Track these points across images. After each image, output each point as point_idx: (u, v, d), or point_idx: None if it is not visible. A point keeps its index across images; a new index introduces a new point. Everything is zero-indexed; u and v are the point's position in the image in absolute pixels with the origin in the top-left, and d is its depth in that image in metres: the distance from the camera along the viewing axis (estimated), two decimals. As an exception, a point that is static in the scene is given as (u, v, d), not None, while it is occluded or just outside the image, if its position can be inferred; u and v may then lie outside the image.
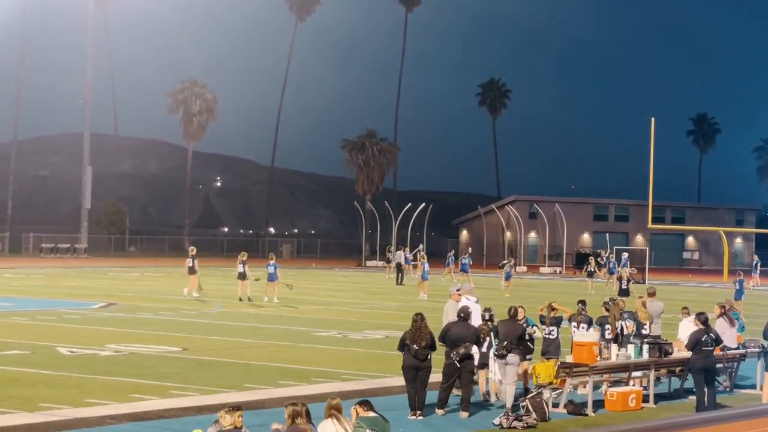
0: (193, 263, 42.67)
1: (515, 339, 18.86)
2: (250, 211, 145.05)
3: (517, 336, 18.94)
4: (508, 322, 19.21)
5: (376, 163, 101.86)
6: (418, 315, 18.31)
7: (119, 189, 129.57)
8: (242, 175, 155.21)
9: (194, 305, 39.07)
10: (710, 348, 19.55)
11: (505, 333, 18.90)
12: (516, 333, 19.00)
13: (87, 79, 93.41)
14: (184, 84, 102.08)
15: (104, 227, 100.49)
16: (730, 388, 22.01)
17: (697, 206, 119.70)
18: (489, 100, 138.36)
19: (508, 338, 18.78)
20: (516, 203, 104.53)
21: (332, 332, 30.71)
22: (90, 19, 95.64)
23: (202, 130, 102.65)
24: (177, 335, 28.82)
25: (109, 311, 36.13)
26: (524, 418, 17.59)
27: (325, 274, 69.60)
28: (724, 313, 21.99)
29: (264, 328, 31.67)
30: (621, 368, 20.06)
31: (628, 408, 19.09)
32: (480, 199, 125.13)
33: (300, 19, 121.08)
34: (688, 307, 23.57)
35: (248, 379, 21.23)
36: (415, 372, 17.92)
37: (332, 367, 23.44)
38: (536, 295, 48.92)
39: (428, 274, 48.22)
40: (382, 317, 36.51)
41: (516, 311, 19.54)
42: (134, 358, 24.14)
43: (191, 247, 46.41)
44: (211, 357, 24.67)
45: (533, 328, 20.23)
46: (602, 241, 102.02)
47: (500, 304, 22.40)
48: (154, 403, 18.37)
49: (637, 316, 22.23)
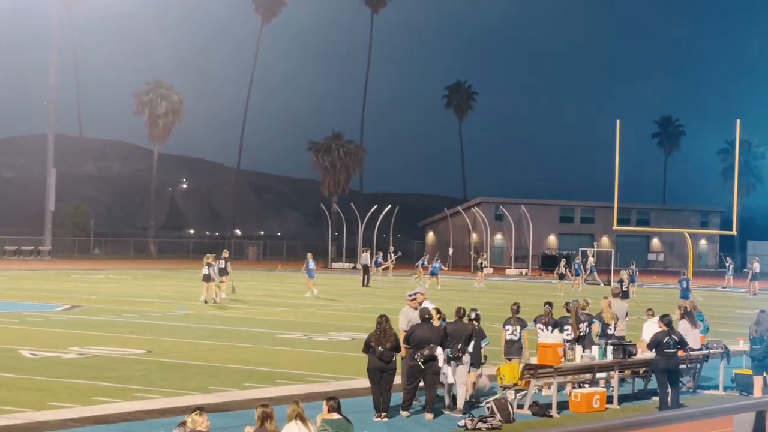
0: (225, 264, 43.66)
1: (465, 339, 18.92)
2: (216, 213, 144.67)
3: (466, 336, 19.00)
4: (456, 323, 19.23)
5: (342, 165, 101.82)
6: (382, 317, 18.33)
7: (84, 191, 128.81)
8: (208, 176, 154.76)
9: (159, 308, 38.91)
10: (672, 350, 19.68)
11: (452, 333, 18.89)
12: (465, 333, 19.06)
13: (51, 81, 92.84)
14: (149, 85, 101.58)
15: (68, 229, 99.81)
16: (693, 388, 22.15)
17: (662, 208, 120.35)
18: (455, 102, 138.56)
19: (456, 339, 18.80)
20: (482, 205, 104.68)
21: (298, 334, 30.66)
22: (54, 19, 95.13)
23: (167, 132, 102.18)
24: (141, 338, 28.69)
25: (72, 314, 35.91)
26: (489, 420, 17.64)
27: (291, 276, 69.39)
28: (686, 315, 22.12)
29: (229, 330, 31.58)
30: (585, 369, 20.14)
31: (592, 409, 19.18)
32: (446, 201, 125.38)
33: (266, 21, 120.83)
34: (653, 308, 23.70)
35: (213, 382, 21.17)
36: (380, 374, 17.93)
37: (297, 369, 23.40)
38: (503, 297, 49.07)
39: (314, 272, 48.76)
40: (347, 319, 36.50)
41: (464, 312, 19.57)
42: (98, 360, 24.01)
43: (225, 250, 46.80)
44: (176, 359, 24.58)
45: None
46: (568, 242, 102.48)
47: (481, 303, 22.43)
48: (118, 405, 18.29)
49: (603, 316, 22.33)
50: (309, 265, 48.33)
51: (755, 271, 60.54)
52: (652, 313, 22.72)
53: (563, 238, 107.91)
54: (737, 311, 44.70)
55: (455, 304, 21.63)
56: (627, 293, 41.99)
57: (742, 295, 59.15)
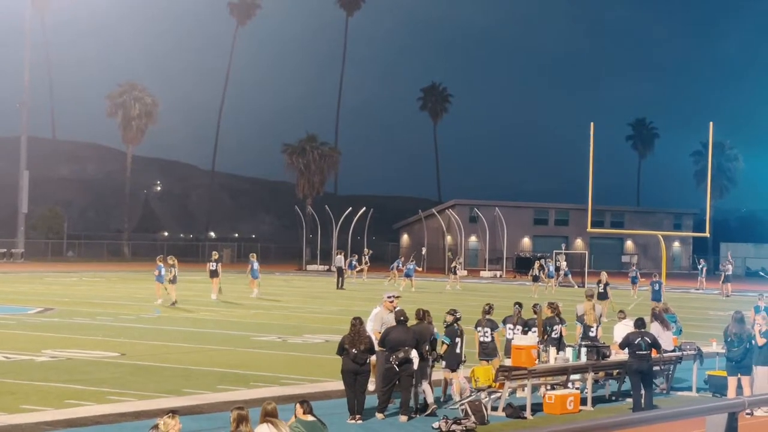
0: (216, 266, 45.51)
1: (429, 341, 19.03)
2: (190, 215, 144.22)
3: (430, 337, 19.09)
4: (419, 325, 19.24)
5: (316, 168, 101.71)
6: (356, 319, 18.33)
7: (57, 193, 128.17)
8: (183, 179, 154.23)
9: (133, 310, 38.77)
10: (645, 351, 19.77)
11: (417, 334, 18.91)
12: (429, 334, 19.14)
13: (25, 83, 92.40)
14: (123, 87, 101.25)
15: (42, 232, 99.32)
16: (666, 390, 22.24)
17: (635, 210, 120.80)
18: (430, 105, 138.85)
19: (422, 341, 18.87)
20: (456, 207, 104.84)
21: (272, 336, 30.62)
22: (27, 21, 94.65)
23: (141, 134, 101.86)
24: (115, 340, 28.57)
25: (45, 316, 35.73)
26: (463, 422, 17.65)
27: (265, 278, 69.11)
28: (656, 317, 22.21)
29: (203, 333, 31.50)
30: (559, 371, 20.19)
31: (567, 411, 19.23)
32: (421, 203, 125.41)
33: (241, 23, 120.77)
34: (624, 310, 23.78)
35: (186, 384, 21.10)
36: (354, 376, 17.92)
37: (271, 371, 23.37)
38: (478, 299, 49.10)
39: (257, 272, 49.14)
40: (321, 321, 36.47)
41: (425, 313, 19.58)
42: (71, 363, 23.90)
43: (214, 252, 48.95)
44: (150, 362, 24.49)
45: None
46: (542, 244, 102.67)
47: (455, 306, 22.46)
48: (91, 408, 18.21)
49: (585, 318, 22.39)
50: (253, 265, 48.82)
51: (727, 273, 60.84)
52: (624, 315, 22.79)
53: (537, 240, 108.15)
54: (710, 313, 44.92)
55: (430, 306, 21.62)
56: (605, 294, 42.05)
57: (715, 297, 59.45)
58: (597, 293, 42.03)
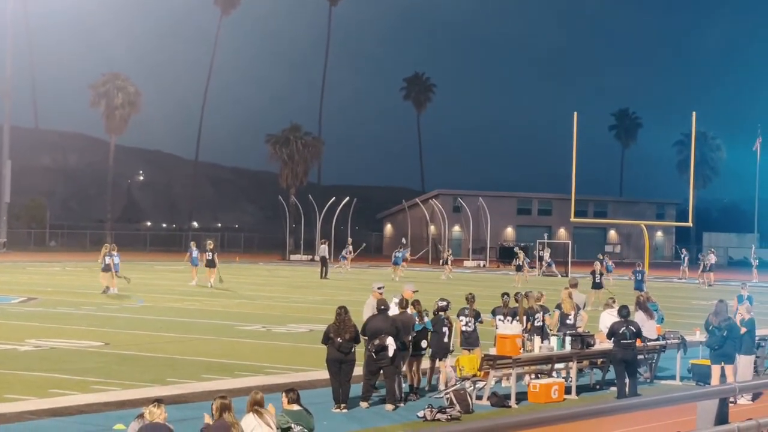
0: (212, 256, 46.60)
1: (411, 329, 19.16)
2: (173, 205, 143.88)
3: (411, 326, 19.17)
4: (402, 314, 19.28)
5: (300, 157, 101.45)
6: (341, 308, 18.33)
7: (40, 183, 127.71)
8: (165, 169, 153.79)
9: (116, 300, 38.70)
10: (629, 341, 19.84)
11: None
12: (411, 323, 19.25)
13: (6, 71, 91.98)
14: (106, 77, 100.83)
15: (24, 222, 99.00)
16: (650, 379, 22.31)
17: (619, 200, 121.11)
18: (413, 94, 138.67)
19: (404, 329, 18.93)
20: (440, 197, 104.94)
21: (256, 326, 30.60)
22: (8, 9, 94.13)
23: (124, 124, 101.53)
24: (99, 330, 28.51)
25: (28, 306, 35.63)
26: (448, 411, 17.67)
27: (248, 268, 69.26)
28: (640, 306, 22.31)
29: (187, 322, 31.47)
30: (544, 360, 20.22)
31: (551, 399, 19.27)
32: (404, 193, 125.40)
33: (224, 13, 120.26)
34: (615, 298, 23.91)
35: (171, 374, 21.08)
36: (339, 365, 17.92)
37: (256, 360, 23.36)
38: (462, 288, 49.13)
39: (197, 260, 49.21)
40: (306, 311, 36.46)
41: (407, 302, 19.64)
42: (55, 353, 23.84)
43: (209, 241, 49.77)
44: (134, 351, 24.45)
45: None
46: (526, 234, 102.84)
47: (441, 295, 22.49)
48: (75, 398, 18.17)
49: (562, 306, 22.43)
50: (192, 253, 49.12)
51: (710, 262, 60.98)
52: (613, 302, 22.87)
53: (521, 230, 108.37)
54: (693, 302, 45.05)
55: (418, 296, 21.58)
56: (600, 284, 42.22)
57: (697, 286, 59.62)
58: (592, 283, 42.25)
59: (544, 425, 8.91)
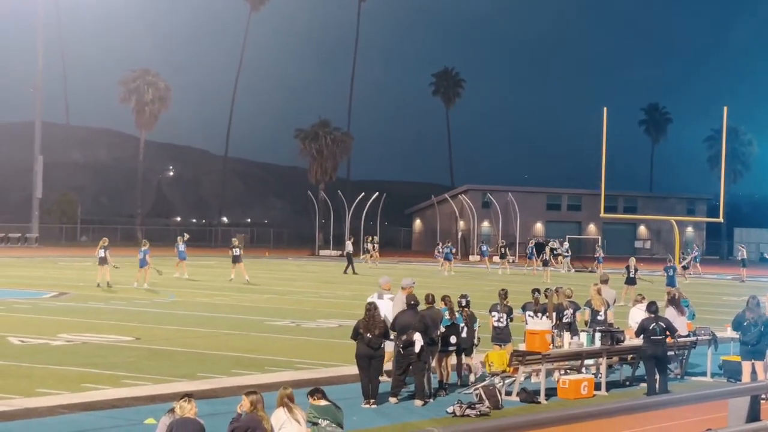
0: (239, 252, 47.97)
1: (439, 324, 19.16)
2: (203, 200, 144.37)
3: (439, 321, 19.18)
4: (429, 309, 19.26)
5: (329, 153, 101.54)
6: (371, 304, 18.38)
7: (70, 178, 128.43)
8: (195, 164, 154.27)
9: (147, 295, 38.88)
10: (660, 337, 19.75)
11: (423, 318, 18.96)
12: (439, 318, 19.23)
13: (38, 67, 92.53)
14: (136, 73, 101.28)
15: (55, 217, 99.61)
16: (681, 375, 22.22)
17: (648, 195, 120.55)
18: (443, 90, 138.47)
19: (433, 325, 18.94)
20: (469, 192, 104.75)
21: (285, 321, 30.67)
22: (40, 5, 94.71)
23: (154, 120, 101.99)
24: (129, 324, 28.66)
25: (60, 301, 35.86)
26: (477, 406, 17.67)
27: (278, 263, 69.43)
28: (672, 302, 22.18)
29: (217, 318, 31.57)
30: (573, 356, 20.18)
31: (581, 396, 19.23)
32: (433, 189, 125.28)
33: (254, 8, 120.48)
34: (643, 294, 23.82)
35: (201, 368, 21.17)
36: (368, 360, 17.95)
37: (285, 356, 23.42)
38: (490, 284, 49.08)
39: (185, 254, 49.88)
40: (335, 306, 36.50)
41: (433, 298, 19.63)
42: (86, 347, 23.99)
43: (234, 239, 51.46)
44: (164, 346, 24.57)
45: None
46: (555, 230, 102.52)
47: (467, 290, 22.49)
48: (107, 392, 18.27)
49: (592, 303, 22.38)
50: (179, 247, 49.25)
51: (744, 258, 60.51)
52: (642, 298, 22.77)
53: (550, 225, 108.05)
54: (724, 298, 44.84)
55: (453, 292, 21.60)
56: (633, 279, 42.17)
57: (729, 282, 59.30)
58: (626, 278, 42.19)
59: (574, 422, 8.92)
